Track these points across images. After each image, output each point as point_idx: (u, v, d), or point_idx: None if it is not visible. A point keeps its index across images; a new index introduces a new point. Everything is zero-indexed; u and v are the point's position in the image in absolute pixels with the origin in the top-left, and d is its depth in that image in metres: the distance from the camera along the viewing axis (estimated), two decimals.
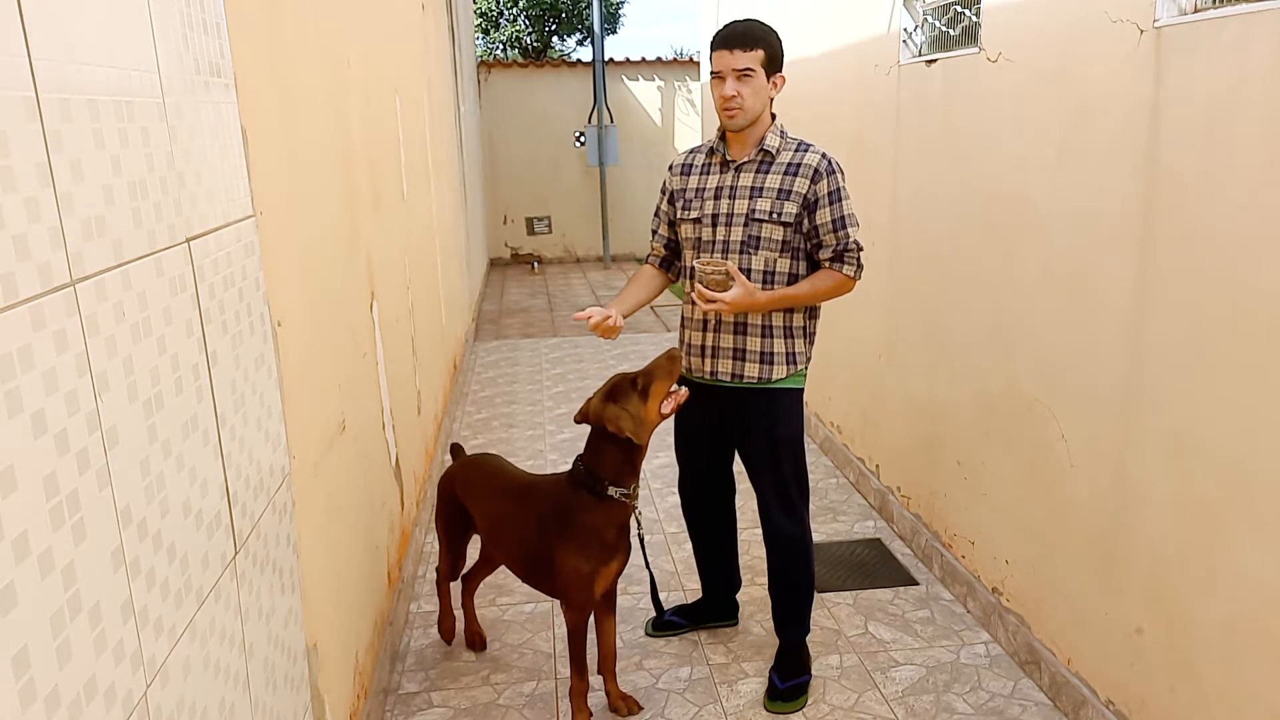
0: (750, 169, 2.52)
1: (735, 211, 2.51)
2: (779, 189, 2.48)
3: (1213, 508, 2.01)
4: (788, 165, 2.49)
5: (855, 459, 4.24)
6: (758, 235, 2.50)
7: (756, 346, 2.55)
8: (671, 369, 2.37)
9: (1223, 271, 1.95)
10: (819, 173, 2.46)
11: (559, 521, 2.42)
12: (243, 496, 1.55)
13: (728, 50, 2.41)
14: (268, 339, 1.73)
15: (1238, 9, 1.89)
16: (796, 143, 2.53)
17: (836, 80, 4.31)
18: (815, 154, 2.49)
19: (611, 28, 18.39)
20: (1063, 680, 2.58)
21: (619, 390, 2.37)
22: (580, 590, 2.41)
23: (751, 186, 2.51)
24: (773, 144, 2.50)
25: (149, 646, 1.16)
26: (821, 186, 2.46)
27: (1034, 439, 2.70)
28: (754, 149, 2.51)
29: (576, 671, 2.51)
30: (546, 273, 11.45)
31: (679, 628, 3.01)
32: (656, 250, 2.78)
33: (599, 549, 2.40)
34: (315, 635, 1.97)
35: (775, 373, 2.56)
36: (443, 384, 5.05)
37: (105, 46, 1.14)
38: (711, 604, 3.05)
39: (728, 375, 2.58)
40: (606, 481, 2.38)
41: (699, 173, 2.62)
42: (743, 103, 2.42)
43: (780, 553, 2.70)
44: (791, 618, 2.73)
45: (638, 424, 2.33)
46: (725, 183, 2.54)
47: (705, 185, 2.59)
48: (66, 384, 1.00)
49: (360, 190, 2.89)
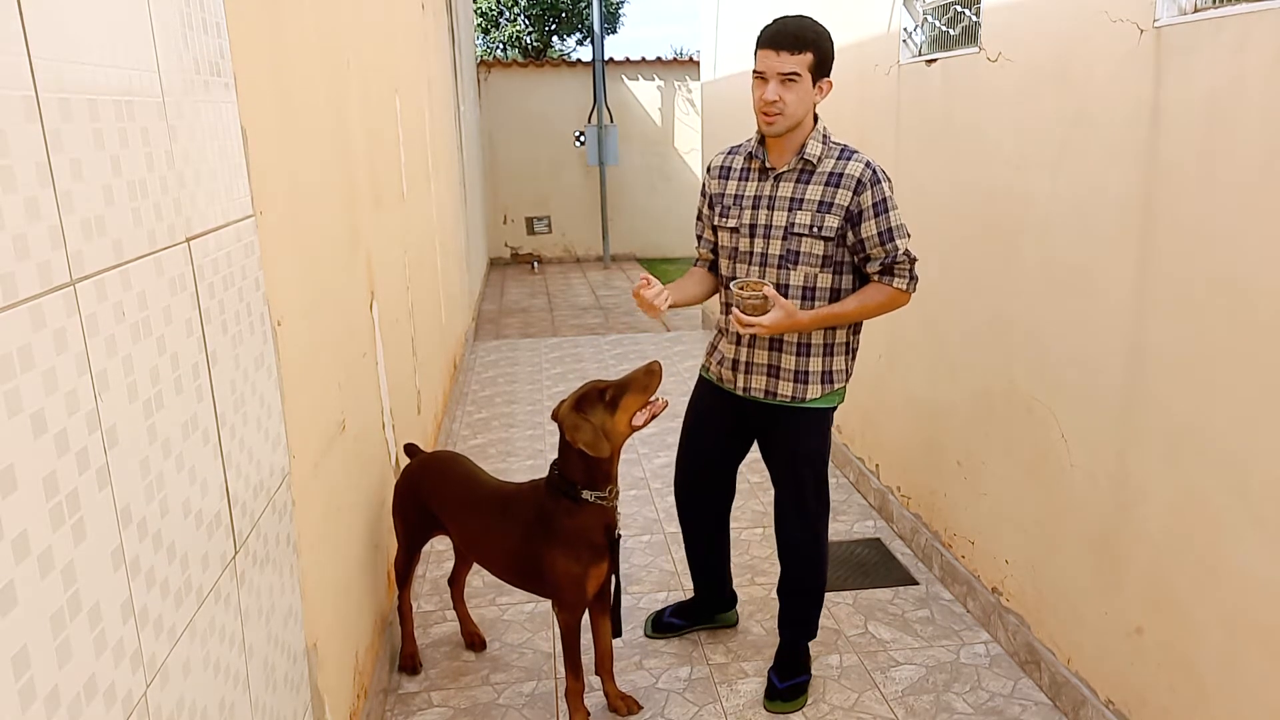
0: (790, 178, 2.40)
1: (774, 223, 2.40)
2: (820, 201, 2.36)
3: (1213, 507, 2.01)
4: (829, 175, 2.36)
5: (855, 459, 4.24)
6: (797, 250, 2.38)
7: (791, 365, 2.46)
8: (648, 383, 2.30)
9: (1223, 271, 1.95)
10: (862, 183, 2.33)
11: (545, 528, 2.40)
12: (242, 496, 1.55)
13: (774, 51, 2.26)
14: (267, 338, 1.73)
15: (1238, 9, 1.89)
16: (840, 149, 2.40)
17: (836, 80, 4.29)
18: (858, 163, 2.36)
19: (611, 27, 18.39)
20: (1063, 680, 2.58)
21: (586, 400, 2.32)
22: (573, 591, 2.41)
23: (791, 198, 2.39)
24: (814, 152, 2.37)
25: (149, 646, 1.16)
26: (865, 198, 2.33)
27: (1034, 439, 2.70)
28: (794, 156, 2.39)
29: (571, 672, 2.50)
30: (546, 272, 11.45)
31: (678, 628, 2.99)
32: (704, 255, 2.67)
33: (588, 551, 2.39)
34: (315, 635, 1.97)
35: (810, 392, 2.47)
36: (443, 384, 5.05)
37: (105, 46, 1.14)
38: (707, 600, 3.01)
39: (761, 392, 2.51)
40: (579, 486, 2.35)
41: (738, 177, 2.51)
42: (784, 108, 2.28)
43: (791, 559, 2.67)
44: (797, 619, 2.72)
45: (597, 437, 2.28)
46: (764, 191, 2.43)
47: (743, 192, 2.48)
48: (66, 384, 1.00)
49: (360, 190, 2.89)
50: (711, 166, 2.60)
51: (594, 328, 7.83)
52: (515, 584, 2.59)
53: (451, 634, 3.03)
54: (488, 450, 4.80)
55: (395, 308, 3.50)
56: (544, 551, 2.40)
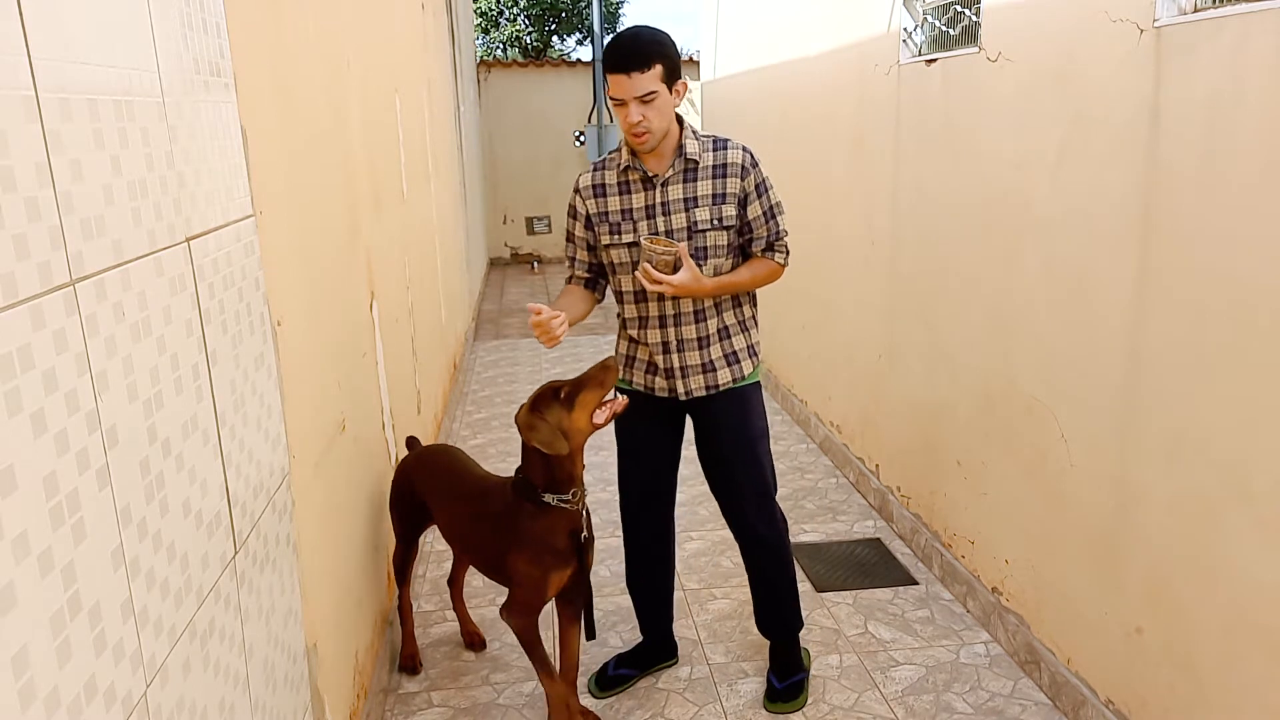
0: (676, 181, 2.41)
1: (674, 228, 2.41)
2: (713, 194, 2.41)
3: (1213, 508, 2.01)
4: (713, 169, 2.41)
5: (855, 459, 4.24)
6: (704, 245, 2.42)
7: (720, 351, 2.51)
8: (604, 378, 2.27)
9: (1223, 271, 1.95)
10: (746, 169, 2.41)
11: (509, 527, 2.37)
12: (242, 496, 1.55)
13: (625, 75, 2.25)
14: (267, 338, 1.73)
15: (1238, 9, 1.89)
16: (711, 140, 2.44)
17: (836, 80, 4.31)
18: (735, 149, 2.43)
19: (611, 27, 18.37)
20: (1062, 680, 2.58)
21: (542, 400, 2.28)
22: (530, 593, 2.35)
23: (684, 199, 2.41)
24: (694, 150, 2.40)
25: (149, 646, 1.16)
26: (750, 180, 2.41)
27: (1034, 439, 2.70)
28: (673, 159, 2.41)
29: (545, 675, 2.41)
30: (546, 272, 11.45)
31: (627, 679, 2.78)
32: (580, 275, 2.61)
33: (550, 555, 2.33)
34: (315, 635, 1.97)
35: (745, 369, 2.53)
36: (443, 383, 5.05)
37: (105, 46, 1.14)
38: (656, 644, 2.85)
39: (702, 389, 2.52)
40: (540, 489, 2.31)
41: (617, 193, 2.46)
42: (650, 125, 2.30)
43: (761, 553, 2.65)
44: (782, 619, 2.71)
45: (554, 435, 2.23)
46: (654, 200, 2.42)
47: (631, 206, 2.45)
48: (66, 384, 1.00)
49: (360, 190, 2.89)
50: (582, 188, 2.52)
51: (593, 328, 7.82)
52: (489, 576, 2.56)
53: (451, 634, 3.03)
54: (487, 450, 4.80)
55: (395, 308, 3.50)
56: (507, 551, 2.37)
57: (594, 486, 4.26)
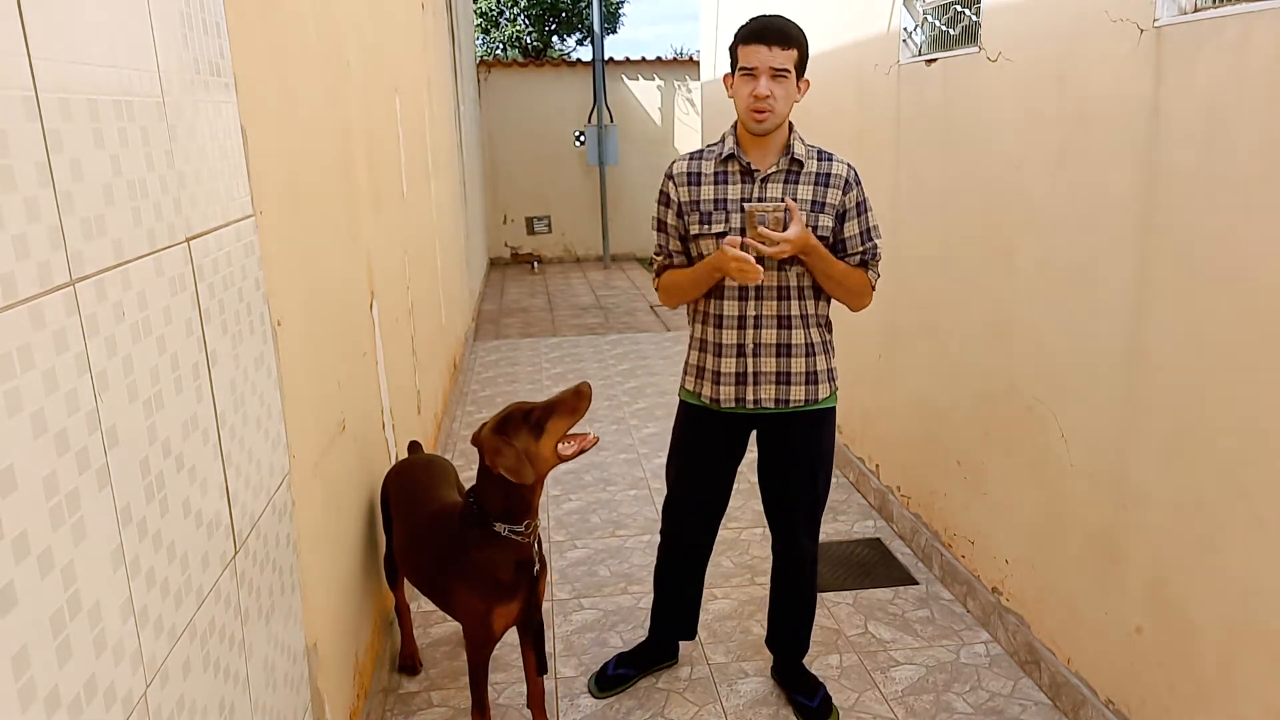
0: (778, 179, 2.33)
1: None
2: (812, 200, 2.32)
3: (1213, 508, 2.01)
4: (816, 175, 2.33)
5: (855, 459, 4.24)
6: None
7: (802, 367, 2.39)
8: (576, 405, 2.14)
9: (1223, 271, 1.95)
10: (849, 183, 2.34)
11: (452, 556, 2.25)
12: (242, 496, 1.55)
13: (765, 46, 2.20)
14: (267, 339, 1.73)
15: (1238, 9, 1.89)
16: (816, 150, 2.38)
17: (836, 80, 4.31)
18: (840, 163, 2.36)
19: (611, 27, 18.38)
20: (1062, 680, 2.58)
21: (509, 422, 2.14)
22: (478, 628, 2.25)
23: (782, 199, 2.32)
24: (801, 153, 2.33)
25: (149, 646, 1.16)
26: (852, 197, 2.34)
27: (1034, 439, 2.70)
28: (779, 156, 2.33)
29: (475, 713, 2.34)
30: (546, 272, 11.45)
31: (628, 679, 2.77)
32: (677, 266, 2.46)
33: (493, 587, 2.21)
34: (315, 635, 1.97)
35: (822, 391, 2.42)
36: (443, 383, 5.05)
37: (105, 46, 1.14)
38: (662, 645, 2.83)
39: (771, 401, 2.40)
40: (492, 517, 2.18)
41: (713, 182, 2.37)
42: (774, 104, 2.22)
43: (799, 570, 2.62)
44: (805, 640, 2.69)
45: (520, 462, 2.11)
46: (750, 194, 2.34)
47: (726, 196, 2.35)
48: (66, 384, 1.00)
49: (360, 190, 2.89)
50: (676, 174, 2.42)
51: (594, 327, 7.83)
52: (438, 606, 2.44)
53: (451, 634, 3.03)
54: None
55: (395, 308, 3.50)
56: (450, 581, 2.27)
57: (594, 486, 4.27)
